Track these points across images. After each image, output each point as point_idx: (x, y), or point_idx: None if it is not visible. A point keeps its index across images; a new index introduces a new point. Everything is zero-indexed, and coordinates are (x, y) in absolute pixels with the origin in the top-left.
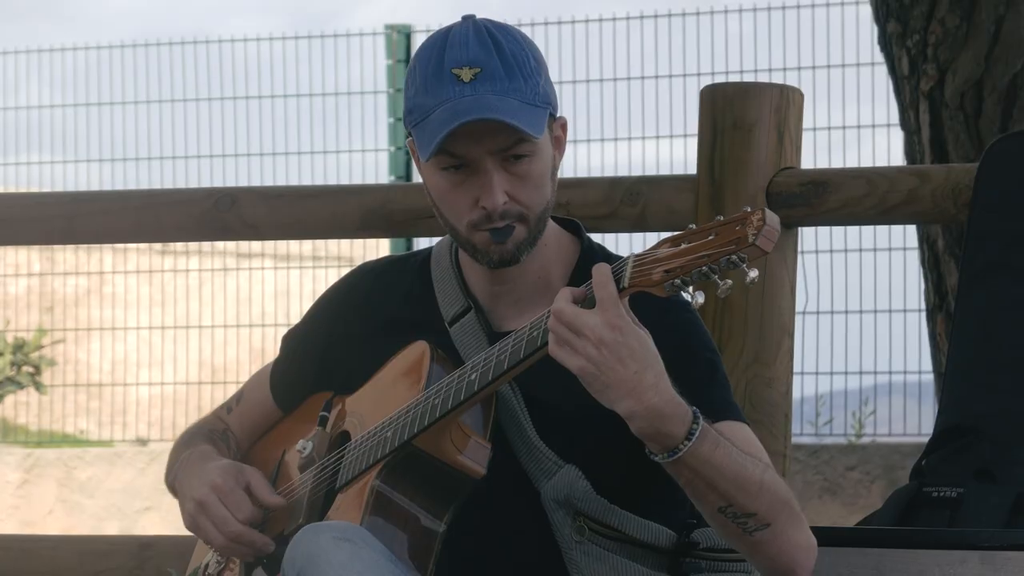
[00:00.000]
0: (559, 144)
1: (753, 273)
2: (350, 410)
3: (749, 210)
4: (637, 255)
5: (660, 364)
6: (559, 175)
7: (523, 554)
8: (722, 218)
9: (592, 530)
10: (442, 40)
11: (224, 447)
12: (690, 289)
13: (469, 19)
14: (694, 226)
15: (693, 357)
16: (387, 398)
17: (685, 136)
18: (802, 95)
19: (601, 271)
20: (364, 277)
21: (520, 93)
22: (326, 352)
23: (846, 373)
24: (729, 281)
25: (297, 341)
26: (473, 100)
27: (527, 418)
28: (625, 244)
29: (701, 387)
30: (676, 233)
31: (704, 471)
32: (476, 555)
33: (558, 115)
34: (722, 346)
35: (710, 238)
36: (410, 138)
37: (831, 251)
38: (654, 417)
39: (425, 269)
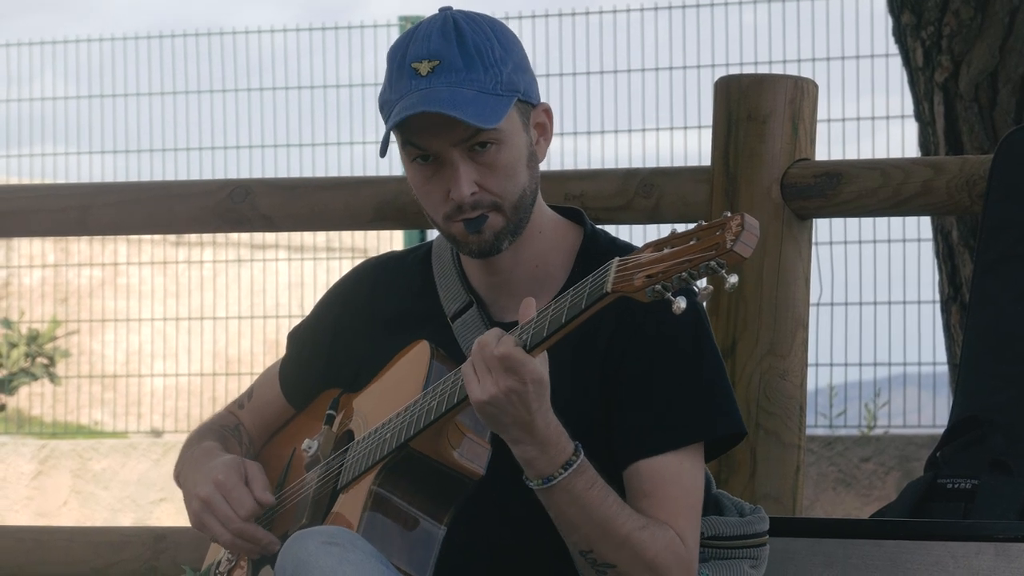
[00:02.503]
0: (543, 131)
1: (732, 279)
2: (356, 409)
3: (729, 215)
4: (620, 259)
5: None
6: (577, 166)
7: (528, 548)
8: (704, 223)
9: None
10: (409, 35)
11: (235, 442)
12: (669, 295)
13: (443, 11)
14: (679, 229)
15: (653, 378)
16: (390, 398)
17: (699, 127)
18: (816, 86)
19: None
20: (367, 273)
21: (478, 83)
22: (332, 348)
23: (860, 364)
24: (710, 287)
25: (303, 338)
26: (425, 93)
27: None
28: (639, 236)
29: (649, 415)
30: (660, 238)
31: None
32: (481, 548)
33: (539, 102)
34: (736, 338)
35: (692, 243)
36: None
37: (845, 242)
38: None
39: (427, 264)
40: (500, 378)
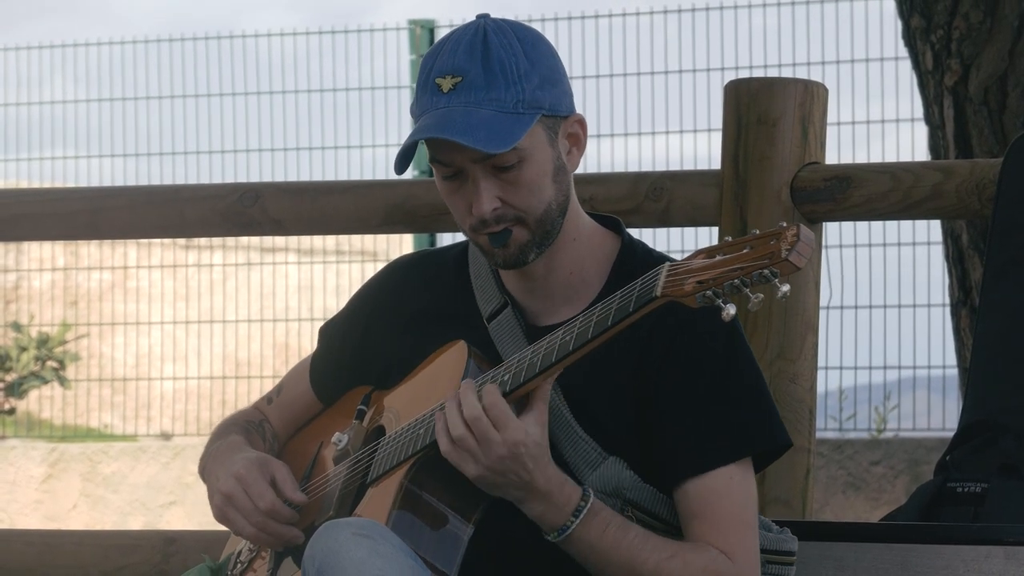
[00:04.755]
0: (576, 141)
1: (785, 288)
2: (387, 405)
3: (784, 225)
4: (672, 264)
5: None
6: (587, 169)
7: (550, 548)
8: (758, 232)
9: (640, 520)
10: (441, 45)
11: (259, 438)
12: (720, 301)
13: (480, 19)
14: (730, 238)
15: (694, 392)
16: (424, 395)
17: (709, 131)
18: (826, 90)
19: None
20: (401, 270)
21: (497, 102)
22: (364, 344)
23: (870, 368)
24: (760, 295)
25: (335, 333)
26: (443, 113)
27: (568, 410)
28: (649, 239)
29: (694, 431)
30: (712, 245)
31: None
32: (518, 545)
33: (571, 113)
34: None
35: (744, 251)
36: None
37: (855, 246)
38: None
39: (462, 263)
40: (491, 450)
